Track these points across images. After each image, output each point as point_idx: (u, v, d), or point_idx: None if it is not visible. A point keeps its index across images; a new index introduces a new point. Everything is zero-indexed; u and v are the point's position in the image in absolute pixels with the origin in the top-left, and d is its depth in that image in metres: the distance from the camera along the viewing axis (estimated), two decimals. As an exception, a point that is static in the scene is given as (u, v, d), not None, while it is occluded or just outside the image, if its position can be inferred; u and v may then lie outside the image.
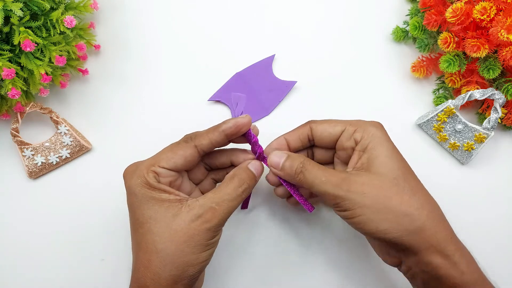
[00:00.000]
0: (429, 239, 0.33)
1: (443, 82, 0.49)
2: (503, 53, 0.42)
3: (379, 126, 0.37)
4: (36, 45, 0.41)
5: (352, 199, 0.33)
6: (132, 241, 0.35)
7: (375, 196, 0.33)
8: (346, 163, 0.38)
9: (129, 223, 0.36)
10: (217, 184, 0.42)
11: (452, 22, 0.43)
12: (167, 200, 0.34)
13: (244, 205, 0.44)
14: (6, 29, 0.40)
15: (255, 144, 0.38)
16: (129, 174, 0.35)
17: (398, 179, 0.34)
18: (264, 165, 0.38)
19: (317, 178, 0.35)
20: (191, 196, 0.38)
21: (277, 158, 0.37)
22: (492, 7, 0.40)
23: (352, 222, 0.34)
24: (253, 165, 0.37)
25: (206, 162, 0.40)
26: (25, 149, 0.46)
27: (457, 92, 0.48)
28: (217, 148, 0.40)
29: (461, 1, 0.43)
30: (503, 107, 0.46)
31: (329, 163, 0.41)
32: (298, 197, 0.39)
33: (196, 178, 0.40)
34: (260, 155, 0.38)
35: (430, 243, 0.33)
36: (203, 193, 0.40)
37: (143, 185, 0.34)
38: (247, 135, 0.37)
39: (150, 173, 0.34)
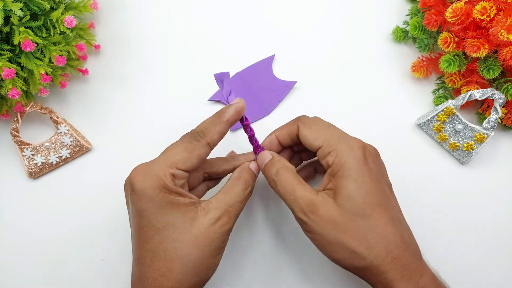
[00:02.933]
0: (377, 277, 0.33)
1: (443, 82, 0.49)
2: (503, 53, 0.42)
3: (355, 152, 0.35)
4: (36, 45, 0.41)
5: (311, 226, 0.34)
6: (139, 250, 0.34)
7: (331, 229, 0.34)
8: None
9: (136, 230, 0.34)
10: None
11: (452, 22, 0.43)
12: (183, 204, 0.33)
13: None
14: (6, 29, 0.40)
15: (251, 138, 0.39)
16: (139, 176, 0.33)
17: (357, 216, 0.33)
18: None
19: (286, 193, 0.35)
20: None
21: (262, 159, 0.38)
22: (492, 7, 0.40)
23: (313, 243, 0.36)
24: (254, 165, 0.39)
25: (209, 171, 0.40)
26: (25, 149, 0.46)
27: (457, 92, 0.48)
28: (219, 157, 0.41)
29: (461, 1, 0.43)
30: (503, 107, 0.46)
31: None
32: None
33: (192, 185, 0.39)
34: (256, 147, 0.39)
35: (377, 280, 0.33)
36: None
37: (161, 189, 0.33)
38: (244, 128, 0.38)
39: (168, 176, 0.33)
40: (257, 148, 0.39)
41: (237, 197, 0.35)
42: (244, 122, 0.38)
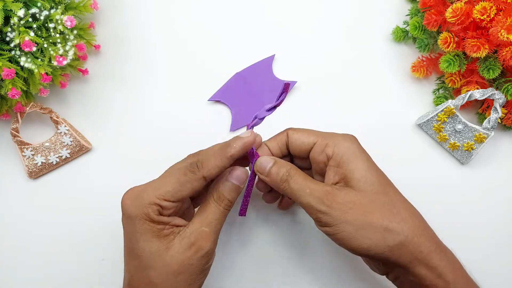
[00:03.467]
0: (412, 253, 0.32)
1: (443, 82, 0.49)
2: (503, 53, 0.42)
3: (352, 139, 0.36)
4: (36, 45, 0.41)
5: (334, 215, 0.32)
6: (125, 266, 0.35)
7: (357, 213, 0.32)
8: (322, 175, 0.37)
9: (123, 249, 0.35)
10: None
11: (452, 22, 0.43)
12: (162, 232, 0.33)
13: (242, 211, 0.39)
14: (6, 29, 0.40)
15: (254, 158, 0.37)
16: (129, 201, 0.33)
17: (378, 194, 0.33)
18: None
19: (301, 189, 0.34)
20: (186, 213, 0.37)
21: (264, 163, 0.36)
22: (492, 7, 0.40)
23: (334, 238, 0.33)
24: (234, 175, 0.35)
25: None
26: (25, 149, 0.46)
27: (457, 92, 0.48)
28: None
29: (461, 1, 0.43)
30: (503, 107, 0.46)
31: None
32: (245, 197, 0.38)
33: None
34: (251, 154, 0.37)
35: (413, 256, 0.32)
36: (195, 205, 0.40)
37: (144, 218, 0.32)
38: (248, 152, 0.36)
39: (154, 206, 0.32)
40: (252, 155, 0.37)
41: (211, 215, 0.34)
42: (252, 159, 0.36)
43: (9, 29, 0.40)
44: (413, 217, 0.34)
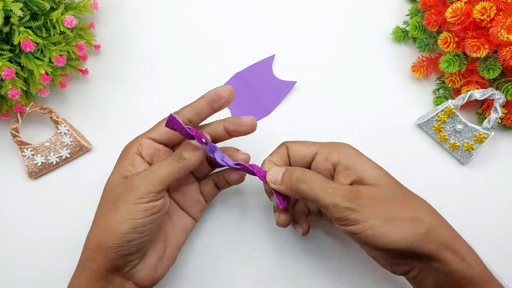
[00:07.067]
0: (438, 238, 0.33)
1: (443, 82, 0.49)
2: (503, 53, 0.42)
3: (349, 145, 0.37)
4: (36, 45, 0.41)
5: (363, 211, 0.32)
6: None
7: (383, 207, 0.33)
8: None
9: None
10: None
11: (452, 22, 0.43)
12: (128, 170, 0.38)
13: (283, 203, 0.38)
14: (6, 29, 0.40)
15: (191, 134, 0.36)
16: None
17: (395, 188, 0.34)
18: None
19: (322, 189, 0.33)
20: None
21: (276, 174, 0.36)
22: (492, 7, 0.41)
23: (362, 236, 0.32)
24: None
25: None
26: (25, 149, 0.46)
27: (457, 92, 0.48)
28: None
29: (461, 1, 0.43)
30: (503, 107, 0.46)
31: None
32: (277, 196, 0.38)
33: (198, 176, 0.42)
34: (194, 136, 0.36)
35: (439, 242, 0.33)
36: (202, 193, 0.42)
37: (126, 153, 0.38)
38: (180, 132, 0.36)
39: (135, 144, 0.37)
40: (198, 135, 0.36)
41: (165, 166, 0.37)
42: (188, 133, 0.35)
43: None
44: (429, 207, 0.35)
